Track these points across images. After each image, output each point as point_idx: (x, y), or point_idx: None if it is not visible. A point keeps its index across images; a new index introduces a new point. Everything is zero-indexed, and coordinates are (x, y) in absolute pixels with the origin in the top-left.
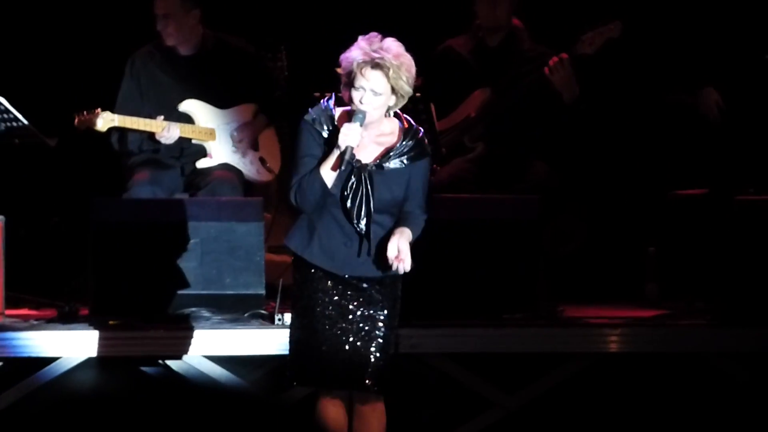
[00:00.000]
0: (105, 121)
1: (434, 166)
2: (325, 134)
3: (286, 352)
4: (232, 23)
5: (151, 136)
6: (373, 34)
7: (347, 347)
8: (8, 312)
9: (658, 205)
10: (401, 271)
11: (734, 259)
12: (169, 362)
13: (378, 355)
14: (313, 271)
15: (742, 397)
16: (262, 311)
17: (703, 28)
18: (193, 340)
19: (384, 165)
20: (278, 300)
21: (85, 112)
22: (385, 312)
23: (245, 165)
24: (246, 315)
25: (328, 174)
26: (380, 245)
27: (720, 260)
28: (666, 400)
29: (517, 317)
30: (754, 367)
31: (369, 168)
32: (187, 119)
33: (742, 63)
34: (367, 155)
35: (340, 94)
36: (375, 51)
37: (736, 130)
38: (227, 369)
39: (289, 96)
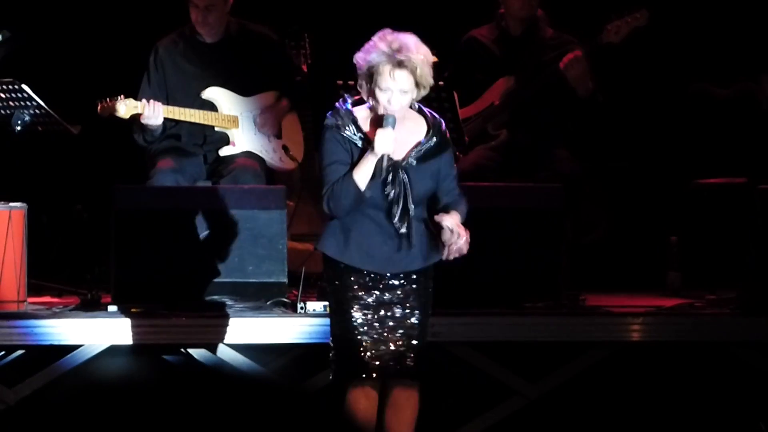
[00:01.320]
0: (128, 107)
1: (457, 153)
2: (349, 136)
3: (309, 340)
4: (256, 11)
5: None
6: (386, 30)
7: (386, 338)
8: (31, 300)
9: (680, 194)
10: (458, 253)
11: (757, 248)
12: (191, 350)
13: (415, 343)
14: (348, 272)
15: (763, 386)
16: (285, 299)
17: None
18: (215, 329)
19: (416, 160)
20: (300, 288)
21: (108, 99)
22: (421, 301)
23: (268, 153)
24: (268, 303)
25: (362, 179)
26: (419, 237)
27: (742, 249)
28: (688, 389)
29: (539, 306)
30: None
31: (404, 165)
32: (210, 107)
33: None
34: (397, 152)
35: (350, 94)
36: (397, 51)
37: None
38: (249, 357)
39: (312, 84)
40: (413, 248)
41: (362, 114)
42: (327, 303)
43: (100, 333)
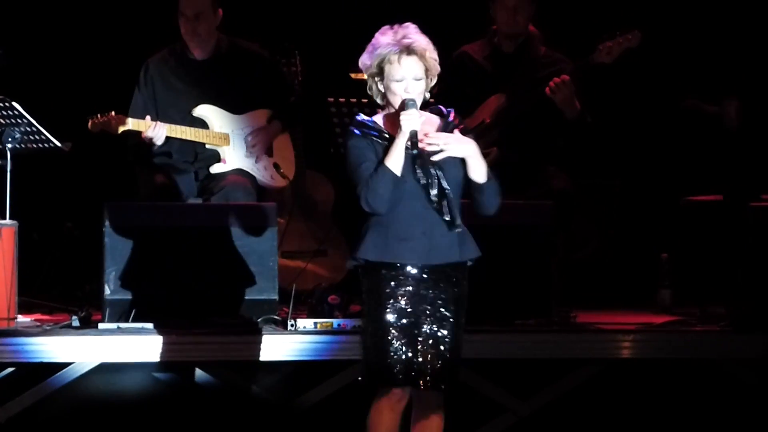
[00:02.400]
0: (119, 123)
1: None
2: (373, 139)
3: (299, 357)
4: (246, 28)
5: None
6: (384, 27)
7: (420, 350)
8: (21, 317)
9: (671, 211)
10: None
11: (747, 266)
12: (181, 368)
13: (447, 356)
14: (384, 274)
15: (755, 403)
16: (276, 317)
17: (725, 38)
18: (205, 346)
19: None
20: (291, 305)
21: (98, 115)
22: (454, 309)
23: (259, 170)
24: (259, 320)
25: (395, 164)
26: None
27: (733, 266)
28: (679, 406)
29: (530, 323)
30: (767, 373)
31: (430, 152)
32: (201, 124)
33: (760, 71)
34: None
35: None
36: (403, 38)
37: (750, 137)
38: (240, 374)
39: (303, 100)
40: (449, 240)
41: (380, 120)
42: (321, 321)
43: (91, 350)
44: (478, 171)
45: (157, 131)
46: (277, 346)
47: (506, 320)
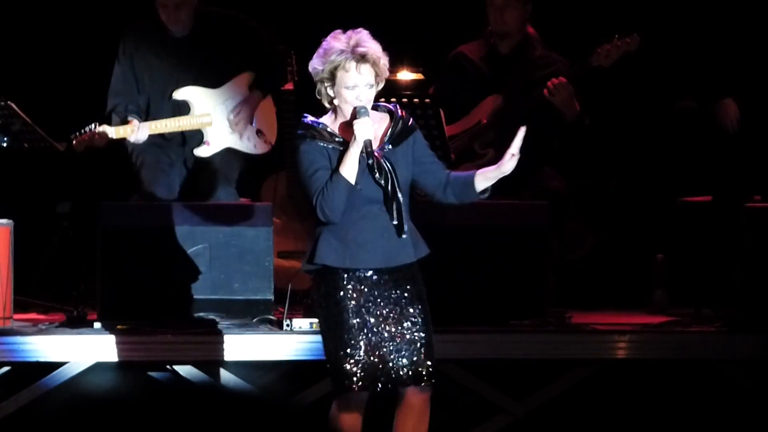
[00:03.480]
0: (101, 137)
1: None
2: (324, 144)
3: (295, 357)
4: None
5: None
6: (336, 31)
7: (390, 347)
8: (16, 317)
9: (666, 212)
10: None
11: (742, 266)
12: (177, 367)
13: (423, 349)
14: (344, 277)
15: (749, 405)
16: (271, 317)
17: (719, 40)
18: (201, 345)
19: (392, 144)
20: (286, 305)
21: (79, 133)
22: (419, 304)
23: (243, 143)
24: (254, 320)
25: (350, 173)
26: (408, 226)
27: (728, 267)
28: (673, 406)
29: (525, 323)
30: (762, 374)
31: (384, 152)
32: (183, 106)
33: (755, 72)
34: (373, 143)
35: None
36: (356, 46)
37: (744, 138)
38: (235, 374)
39: (298, 101)
40: (404, 240)
41: (328, 121)
42: (317, 320)
43: (86, 350)
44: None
45: (140, 133)
46: (273, 346)
47: (501, 320)
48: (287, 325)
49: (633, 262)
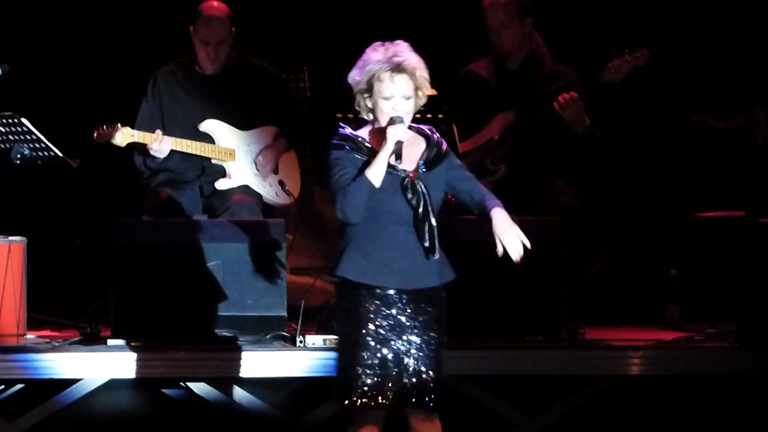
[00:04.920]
0: (124, 136)
1: None
2: (356, 153)
3: (308, 374)
4: (255, 44)
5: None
6: (376, 43)
7: (402, 366)
8: (30, 333)
9: (679, 227)
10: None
11: (755, 282)
12: (190, 384)
13: (432, 372)
14: (364, 293)
15: (763, 420)
16: (284, 333)
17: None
18: (214, 362)
19: (426, 167)
20: (300, 321)
21: (104, 127)
22: (437, 329)
23: (265, 188)
24: (268, 337)
25: (376, 175)
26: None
27: (741, 282)
28: (687, 423)
29: (538, 339)
30: None
31: (419, 174)
32: (207, 138)
33: None
34: (408, 165)
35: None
36: (394, 56)
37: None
38: (248, 390)
39: (311, 117)
40: (428, 264)
41: (366, 135)
42: (330, 337)
43: (100, 367)
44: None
45: (163, 144)
46: (286, 363)
47: (515, 336)
48: (300, 342)
49: (646, 277)
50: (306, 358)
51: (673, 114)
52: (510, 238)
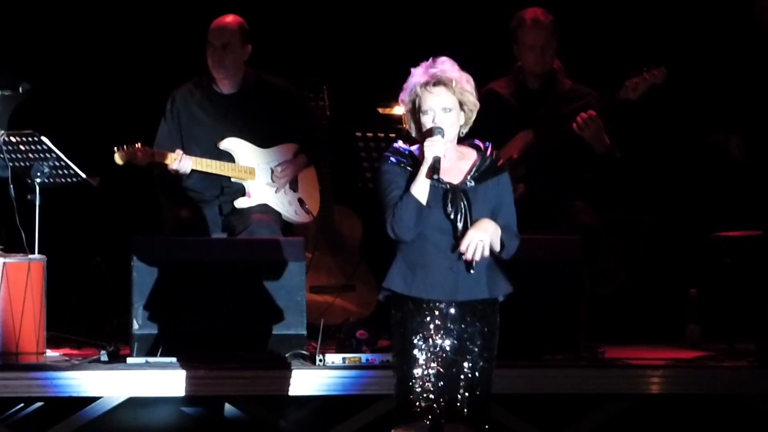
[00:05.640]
0: (144, 155)
1: None
2: (405, 167)
3: (328, 392)
4: (274, 62)
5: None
6: (423, 63)
7: (450, 383)
8: (50, 351)
9: (699, 246)
10: (471, 256)
11: None
12: (210, 402)
13: (477, 392)
14: (411, 307)
15: None
16: (304, 351)
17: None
18: (234, 380)
19: (474, 180)
20: (319, 340)
21: (124, 146)
22: (483, 346)
23: (284, 206)
24: (287, 355)
25: (420, 192)
26: (485, 264)
27: (761, 302)
28: None
29: (558, 358)
30: None
31: (463, 187)
32: (227, 157)
33: None
34: (455, 177)
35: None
36: (431, 68)
37: None
38: (268, 409)
39: (330, 135)
40: (476, 275)
41: (415, 150)
42: (350, 356)
43: (119, 385)
44: (497, 244)
45: (183, 164)
46: (306, 381)
47: (534, 355)
48: (320, 360)
49: (666, 296)
50: (325, 377)
51: (692, 132)
52: (473, 234)
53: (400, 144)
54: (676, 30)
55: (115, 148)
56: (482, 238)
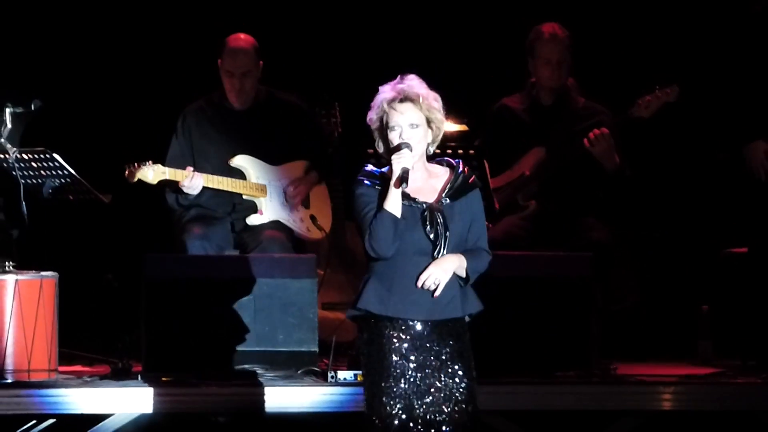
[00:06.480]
0: (156, 173)
1: (487, 222)
2: (379, 189)
3: (340, 409)
4: (286, 79)
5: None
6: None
7: (429, 401)
8: (62, 369)
9: (711, 262)
10: (430, 287)
11: None
12: (221, 419)
13: (461, 407)
14: (387, 325)
15: None
16: (315, 368)
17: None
18: (246, 398)
19: (449, 198)
20: (331, 357)
21: (135, 164)
22: (461, 362)
23: (295, 222)
24: (299, 372)
25: (393, 206)
26: (449, 284)
27: None
28: None
29: (570, 374)
30: None
31: (439, 206)
32: (238, 174)
33: None
34: (428, 196)
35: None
36: (397, 84)
37: None
38: (280, 426)
39: (342, 152)
40: (451, 294)
41: (385, 170)
42: (361, 372)
43: (131, 402)
44: (462, 273)
45: (194, 181)
46: (318, 398)
47: (546, 372)
48: (332, 377)
49: (677, 313)
50: (337, 394)
51: (703, 149)
52: (432, 270)
53: (371, 167)
54: (688, 47)
55: (126, 166)
56: (439, 277)
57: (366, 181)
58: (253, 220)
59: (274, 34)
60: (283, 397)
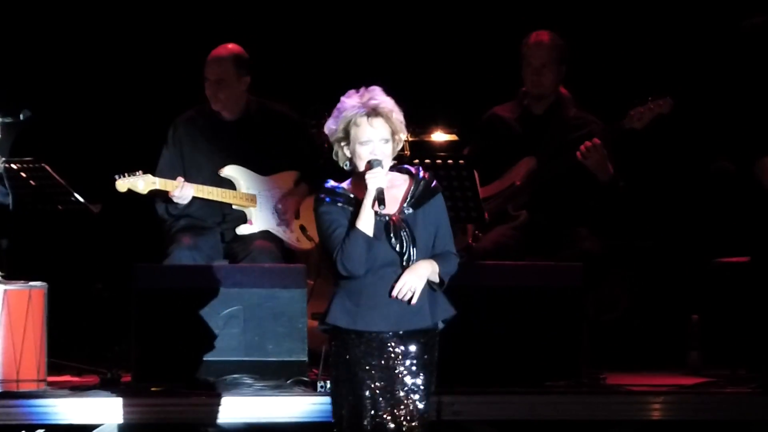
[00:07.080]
0: (146, 183)
1: (477, 232)
2: (343, 205)
3: (329, 419)
4: (276, 89)
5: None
6: (350, 91)
7: (393, 410)
8: (50, 379)
9: (701, 272)
10: (405, 297)
11: None
12: (211, 429)
13: (416, 423)
14: (354, 338)
15: None
16: (305, 378)
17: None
18: (235, 407)
19: (412, 207)
20: (321, 366)
21: (125, 174)
22: (424, 377)
23: (285, 233)
24: (289, 382)
25: (366, 225)
26: (426, 293)
27: (763, 328)
28: None
29: (560, 384)
30: None
31: (402, 216)
32: (228, 184)
33: None
34: (390, 207)
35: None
36: (369, 100)
37: None
38: None
39: (332, 163)
40: (419, 304)
41: (346, 184)
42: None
43: (120, 412)
44: (435, 278)
45: (185, 191)
46: (307, 408)
47: (536, 381)
48: (321, 387)
49: (668, 322)
50: (327, 404)
51: (695, 160)
52: (407, 278)
53: (331, 183)
54: (681, 59)
55: (117, 176)
56: (414, 284)
57: (327, 198)
58: (242, 230)
59: (265, 44)
60: (272, 407)
